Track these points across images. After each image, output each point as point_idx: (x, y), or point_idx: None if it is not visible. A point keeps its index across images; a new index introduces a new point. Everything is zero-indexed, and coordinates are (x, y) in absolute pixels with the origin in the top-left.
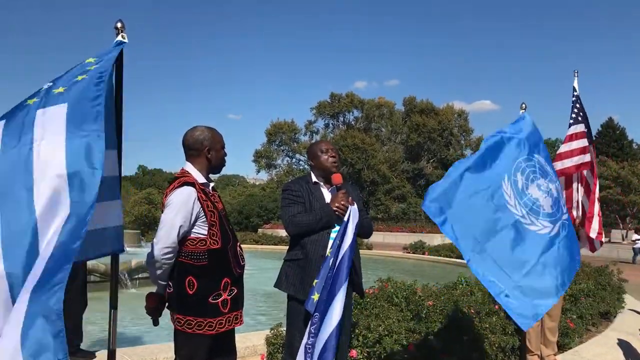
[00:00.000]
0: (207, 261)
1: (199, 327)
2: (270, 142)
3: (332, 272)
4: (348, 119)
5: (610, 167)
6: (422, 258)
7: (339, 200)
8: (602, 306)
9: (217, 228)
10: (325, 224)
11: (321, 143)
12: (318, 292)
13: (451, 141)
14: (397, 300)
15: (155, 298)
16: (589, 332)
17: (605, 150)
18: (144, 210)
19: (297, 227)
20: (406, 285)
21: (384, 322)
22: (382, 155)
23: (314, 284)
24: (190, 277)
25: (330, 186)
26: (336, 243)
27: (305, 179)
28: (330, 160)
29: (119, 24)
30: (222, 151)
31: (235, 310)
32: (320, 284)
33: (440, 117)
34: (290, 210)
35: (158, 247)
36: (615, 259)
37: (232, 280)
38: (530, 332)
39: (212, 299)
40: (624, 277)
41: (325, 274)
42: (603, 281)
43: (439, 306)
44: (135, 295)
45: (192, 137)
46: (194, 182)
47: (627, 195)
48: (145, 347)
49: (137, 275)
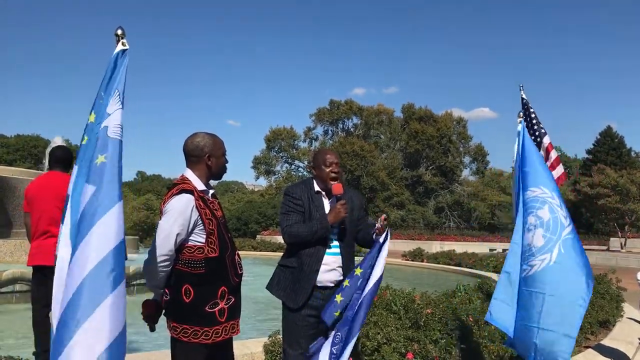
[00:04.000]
0: (205, 269)
1: (194, 335)
2: (270, 148)
3: (359, 294)
4: (347, 126)
5: (609, 175)
6: (421, 265)
7: (338, 212)
8: (601, 315)
9: (215, 236)
10: (320, 237)
11: (327, 155)
12: (341, 309)
13: (450, 148)
14: (396, 308)
15: (152, 305)
16: (588, 341)
17: (604, 158)
18: (143, 216)
19: (292, 237)
20: (405, 293)
21: (382, 330)
22: (381, 162)
23: (338, 300)
24: (187, 285)
25: (331, 197)
26: (368, 263)
27: (308, 185)
28: (331, 175)
29: (119, 30)
30: (222, 158)
31: (232, 319)
32: (345, 302)
33: (439, 124)
34: (288, 219)
35: (155, 255)
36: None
37: (229, 289)
38: None
39: (209, 307)
40: (623, 286)
41: (351, 293)
42: (602, 289)
43: (437, 314)
44: (132, 301)
45: (192, 144)
46: (193, 189)
47: (626, 204)
48: (142, 354)
49: (135, 282)
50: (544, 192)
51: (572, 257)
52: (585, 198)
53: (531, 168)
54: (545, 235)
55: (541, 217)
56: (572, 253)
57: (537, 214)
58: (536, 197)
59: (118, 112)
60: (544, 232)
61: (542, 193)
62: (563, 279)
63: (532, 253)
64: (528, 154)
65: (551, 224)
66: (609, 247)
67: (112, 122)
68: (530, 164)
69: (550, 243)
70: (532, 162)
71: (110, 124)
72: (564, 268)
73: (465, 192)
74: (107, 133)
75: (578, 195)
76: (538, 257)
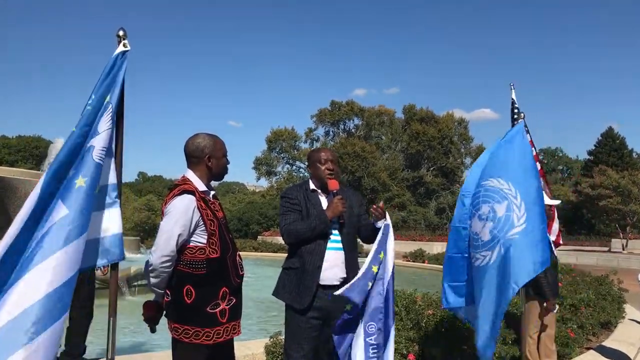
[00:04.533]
0: (206, 270)
1: (196, 336)
2: (271, 149)
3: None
4: (348, 127)
5: (611, 176)
6: (422, 266)
7: (335, 206)
8: (602, 316)
9: (217, 237)
10: (320, 232)
11: (321, 152)
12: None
13: (451, 149)
14: (397, 309)
15: (153, 306)
16: (590, 342)
17: (605, 159)
18: (144, 217)
19: (291, 235)
20: (406, 294)
21: None
22: (382, 163)
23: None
24: (189, 286)
25: (327, 194)
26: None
27: (304, 186)
28: (326, 172)
29: (120, 31)
30: (223, 159)
31: (233, 320)
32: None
33: (440, 125)
34: (286, 219)
35: (156, 256)
36: (615, 268)
37: (230, 290)
38: (529, 342)
39: (210, 308)
40: (624, 287)
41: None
42: (603, 291)
43: (439, 315)
44: (133, 302)
45: (193, 145)
46: (194, 190)
47: (627, 205)
48: (144, 355)
49: (136, 282)
50: (509, 189)
51: (508, 262)
52: (586, 199)
53: (508, 160)
54: (493, 232)
55: (496, 211)
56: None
57: (493, 206)
58: (498, 190)
59: (106, 134)
60: (492, 228)
61: (508, 189)
62: (491, 285)
63: (478, 245)
64: (518, 148)
65: (502, 221)
66: (610, 248)
67: (99, 145)
68: (510, 156)
69: (494, 241)
70: (512, 157)
71: (97, 145)
72: (498, 273)
73: None
74: (92, 155)
75: (579, 196)
76: (482, 251)
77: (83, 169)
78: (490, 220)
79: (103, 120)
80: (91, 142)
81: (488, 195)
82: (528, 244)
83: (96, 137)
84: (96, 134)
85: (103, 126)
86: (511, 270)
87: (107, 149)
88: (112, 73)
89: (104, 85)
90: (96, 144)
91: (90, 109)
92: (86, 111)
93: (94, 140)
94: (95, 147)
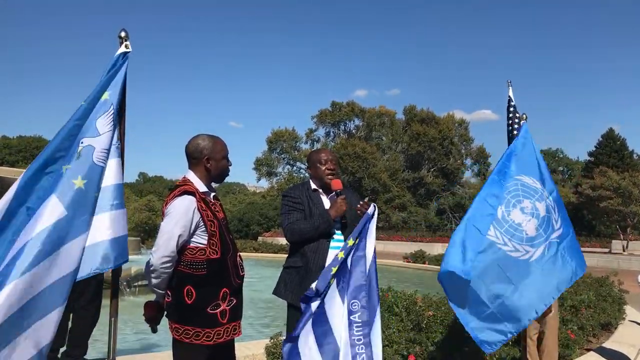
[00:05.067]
0: (206, 271)
1: (196, 337)
2: (271, 150)
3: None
4: (349, 128)
5: (611, 177)
6: (423, 267)
7: (339, 205)
8: (603, 317)
9: (217, 238)
10: (323, 231)
11: (321, 153)
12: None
13: (451, 150)
14: (398, 310)
15: (154, 306)
16: (590, 344)
17: (606, 160)
18: (145, 218)
19: (295, 234)
20: (406, 295)
21: (384, 332)
22: (383, 164)
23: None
24: (189, 287)
25: (329, 194)
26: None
27: (305, 186)
28: (327, 172)
29: (122, 33)
30: (222, 161)
31: (233, 320)
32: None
33: (440, 126)
34: (289, 218)
35: (157, 256)
36: (615, 269)
37: (231, 291)
38: (529, 343)
39: (211, 309)
40: (625, 288)
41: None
42: (604, 292)
43: (439, 316)
44: (134, 303)
45: (193, 145)
46: (195, 191)
47: (628, 206)
48: (144, 355)
49: (137, 283)
50: (543, 190)
51: (552, 264)
52: (587, 200)
53: (533, 162)
54: (539, 230)
55: (538, 209)
56: (555, 260)
57: (535, 204)
58: (535, 189)
59: (107, 136)
60: (537, 225)
61: (542, 190)
62: (532, 283)
63: (521, 238)
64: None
65: (545, 221)
66: (610, 249)
67: (100, 146)
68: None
69: (539, 239)
70: (536, 159)
71: (97, 146)
72: (542, 272)
73: (467, 194)
74: (93, 158)
75: (580, 197)
76: (525, 245)
77: (82, 170)
78: (535, 217)
79: (104, 122)
80: (91, 143)
81: (526, 192)
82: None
83: (97, 139)
84: (96, 134)
85: (104, 128)
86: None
87: (108, 151)
88: (111, 72)
89: (101, 83)
90: (97, 145)
91: (85, 104)
92: (81, 107)
93: (95, 141)
94: (96, 148)
